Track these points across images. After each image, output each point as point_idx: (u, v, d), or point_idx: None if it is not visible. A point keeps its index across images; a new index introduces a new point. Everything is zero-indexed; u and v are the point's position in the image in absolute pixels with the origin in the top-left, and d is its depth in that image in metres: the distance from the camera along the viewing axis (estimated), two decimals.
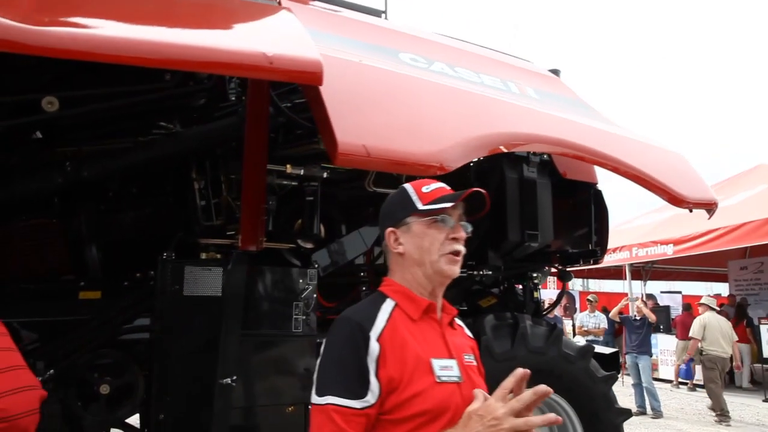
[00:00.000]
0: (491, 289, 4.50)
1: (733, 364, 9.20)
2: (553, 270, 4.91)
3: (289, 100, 3.18)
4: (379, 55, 2.85)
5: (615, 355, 4.37)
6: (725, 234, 9.42)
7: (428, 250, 1.36)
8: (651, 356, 9.03)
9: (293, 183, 3.29)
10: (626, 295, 12.72)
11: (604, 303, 13.99)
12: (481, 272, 4.08)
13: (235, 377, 2.68)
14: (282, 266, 3.19)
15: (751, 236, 9.21)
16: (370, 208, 3.75)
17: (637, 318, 8.89)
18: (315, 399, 1.22)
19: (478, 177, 3.80)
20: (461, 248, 1.39)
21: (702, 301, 9.28)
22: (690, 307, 11.90)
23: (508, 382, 1.20)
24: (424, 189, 1.41)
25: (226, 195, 3.46)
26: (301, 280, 3.17)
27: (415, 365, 1.25)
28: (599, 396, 3.43)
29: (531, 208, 3.77)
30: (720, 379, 8.41)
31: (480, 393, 1.26)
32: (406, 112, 2.35)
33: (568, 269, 4.85)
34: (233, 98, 3.32)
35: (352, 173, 3.43)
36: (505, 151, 2.70)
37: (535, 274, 4.60)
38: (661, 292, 17.35)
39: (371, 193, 3.38)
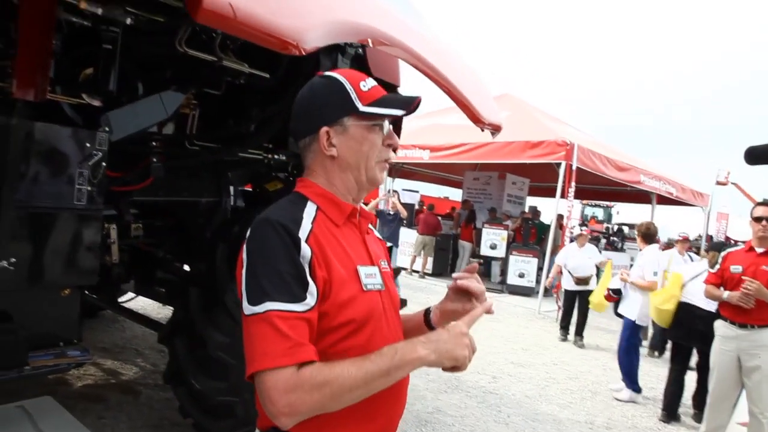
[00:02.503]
0: (277, 174, 4.40)
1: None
2: None
3: None
4: None
5: (391, 248, 4.72)
6: (472, 149, 10.63)
7: (366, 155, 1.22)
8: (397, 247, 10.02)
9: (85, 23, 2.65)
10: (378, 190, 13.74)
11: None
12: (274, 156, 3.92)
13: (13, 259, 2.18)
14: (64, 125, 2.62)
15: (491, 155, 10.57)
16: (173, 70, 3.27)
17: (391, 212, 9.68)
18: (250, 309, 1.05)
19: (295, 58, 3.56)
20: (394, 156, 1.28)
21: None
22: (433, 207, 13.33)
23: (479, 312, 1.20)
24: (362, 86, 1.22)
25: None
26: (88, 144, 2.65)
27: (343, 274, 1.14)
28: None
29: None
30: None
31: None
32: None
33: None
34: None
35: (160, 25, 2.89)
36: (371, 45, 2.53)
37: None
38: (403, 189, 19.19)
39: (180, 53, 2.91)
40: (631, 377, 5.40)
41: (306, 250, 1.09)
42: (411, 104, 1.22)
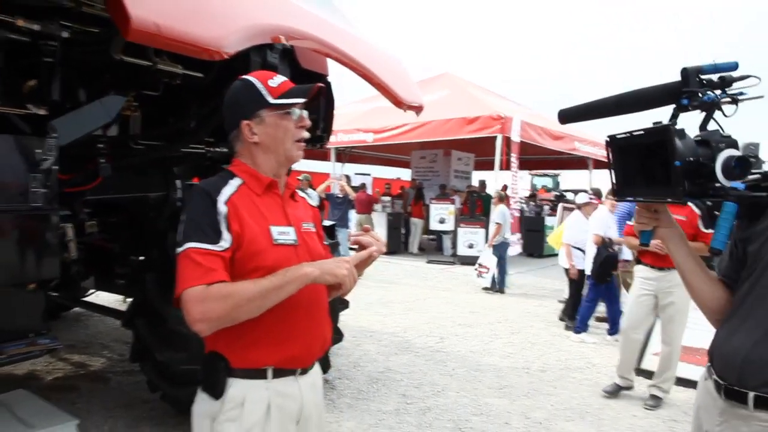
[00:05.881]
0: (221, 165, 4.69)
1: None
2: None
3: None
4: None
5: (333, 227, 5.07)
6: (413, 129, 11.05)
7: (282, 139, 1.53)
8: (348, 229, 10.37)
9: (24, 39, 2.90)
10: (329, 175, 14.05)
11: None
12: (215, 149, 4.22)
13: None
14: (16, 134, 2.87)
15: (432, 133, 11.01)
16: (112, 75, 3.51)
17: (340, 196, 10.00)
18: (178, 250, 1.39)
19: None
20: (307, 134, 1.59)
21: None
22: (365, 185, 13.68)
23: (363, 254, 1.56)
24: (270, 83, 1.53)
25: None
26: (38, 150, 2.91)
27: (256, 230, 1.46)
28: None
29: None
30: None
31: None
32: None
33: None
34: None
35: (96, 36, 3.15)
36: (285, 42, 2.85)
37: None
38: (356, 173, 19.54)
39: (117, 60, 3.18)
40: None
41: (222, 208, 1.42)
42: (309, 92, 1.53)
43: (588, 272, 6.21)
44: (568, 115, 1.65)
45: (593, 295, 6.20)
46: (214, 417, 1.47)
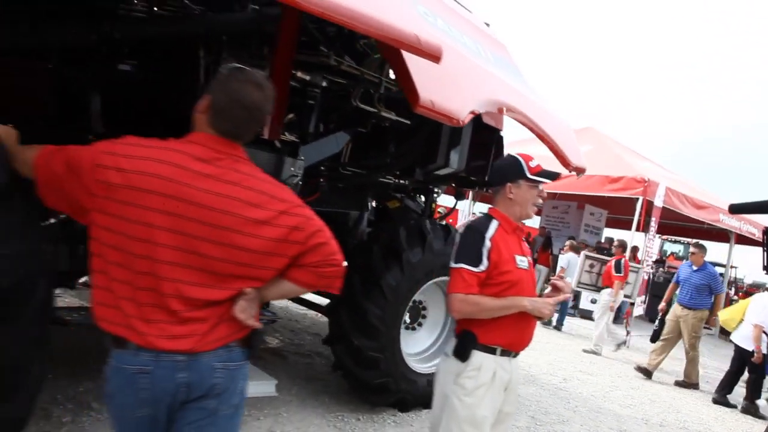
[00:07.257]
0: (395, 194, 5.54)
1: None
2: (450, 188, 6.12)
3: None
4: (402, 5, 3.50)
5: None
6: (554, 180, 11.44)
7: (527, 201, 2.35)
8: None
9: (296, 85, 3.88)
10: (457, 211, 14.80)
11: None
12: (399, 181, 5.05)
13: None
14: (278, 154, 3.83)
15: (571, 186, 11.35)
16: (340, 115, 4.43)
17: None
18: (452, 265, 2.24)
19: None
20: (541, 201, 2.39)
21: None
22: None
23: (560, 297, 2.30)
24: (531, 164, 2.32)
25: None
26: (292, 169, 3.85)
27: (507, 257, 2.25)
28: None
29: (456, 140, 4.76)
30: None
31: None
32: (447, 77, 3.14)
33: (462, 190, 6.13)
34: None
35: (341, 86, 4.09)
36: (504, 113, 3.62)
37: (436, 189, 5.80)
38: (480, 212, 20.25)
39: (353, 107, 4.10)
40: None
41: (488, 243, 2.24)
42: (555, 178, 2.32)
43: None
44: (738, 210, 2.22)
45: None
46: (458, 374, 2.20)
